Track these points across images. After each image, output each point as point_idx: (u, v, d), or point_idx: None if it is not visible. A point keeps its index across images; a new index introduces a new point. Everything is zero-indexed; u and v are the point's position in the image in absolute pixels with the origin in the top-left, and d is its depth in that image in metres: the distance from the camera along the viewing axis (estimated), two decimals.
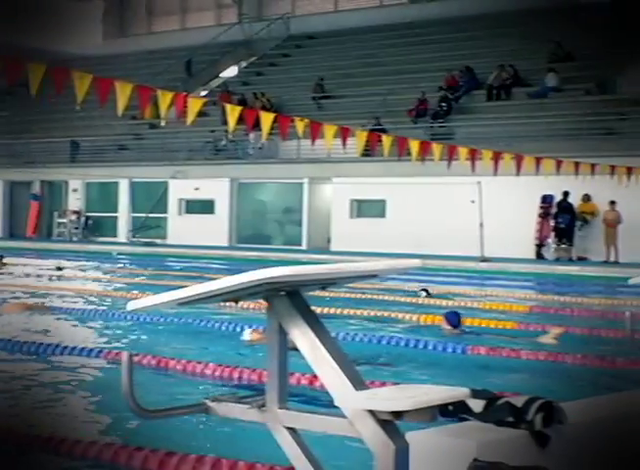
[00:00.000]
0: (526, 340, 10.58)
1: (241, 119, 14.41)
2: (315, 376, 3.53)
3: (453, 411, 3.93)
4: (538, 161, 16.54)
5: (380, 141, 14.03)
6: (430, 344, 9.99)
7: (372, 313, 12.76)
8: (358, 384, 3.22)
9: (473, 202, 26.31)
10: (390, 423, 3.17)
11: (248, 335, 10.17)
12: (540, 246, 27.42)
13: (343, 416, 3.26)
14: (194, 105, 13.13)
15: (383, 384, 6.28)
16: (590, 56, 31.92)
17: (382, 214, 30.73)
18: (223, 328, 11.19)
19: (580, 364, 9.05)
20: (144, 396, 3.69)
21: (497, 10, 36.49)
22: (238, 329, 10.74)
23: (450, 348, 9.80)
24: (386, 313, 12.70)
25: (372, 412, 3.14)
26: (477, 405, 3.91)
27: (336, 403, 3.24)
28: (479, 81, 33.16)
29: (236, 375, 7.95)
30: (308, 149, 24.46)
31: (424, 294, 15.04)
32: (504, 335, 10.96)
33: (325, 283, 3.52)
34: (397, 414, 3.12)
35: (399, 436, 3.20)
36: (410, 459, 3.31)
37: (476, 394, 3.98)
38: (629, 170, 18.90)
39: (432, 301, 14.71)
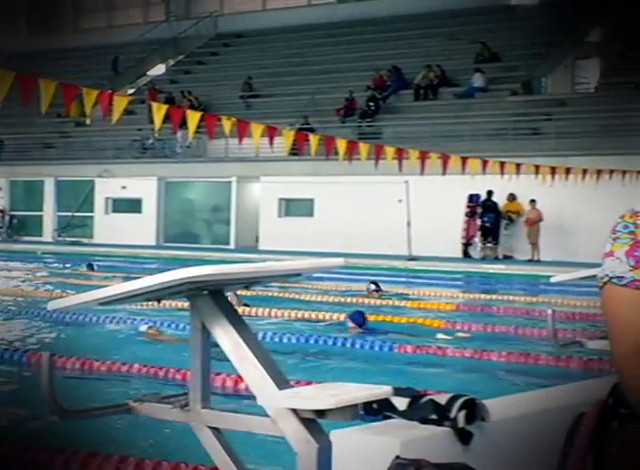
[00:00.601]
0: (429, 337, 10.77)
1: (168, 118, 14.30)
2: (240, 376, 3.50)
3: (378, 409, 3.94)
4: (464, 160, 16.66)
5: (307, 140, 14.04)
6: (357, 342, 10.02)
7: (299, 313, 12.75)
8: (281, 383, 3.21)
9: (400, 201, 26.47)
10: (313, 421, 3.17)
11: (144, 328, 10.24)
12: (467, 244, 27.68)
13: (267, 415, 3.25)
14: (120, 103, 12.98)
15: (308, 383, 6.28)
16: (516, 57, 32.30)
17: (310, 213, 30.76)
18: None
19: (505, 362, 9.16)
20: (68, 397, 3.65)
21: (425, 10, 36.72)
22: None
23: (377, 346, 9.85)
24: (313, 313, 12.71)
25: (295, 411, 3.14)
26: (401, 403, 3.92)
27: (259, 402, 3.23)
28: (406, 81, 33.34)
29: (162, 374, 7.90)
30: (236, 148, 24.38)
31: (373, 287, 14.99)
32: (406, 333, 11.10)
33: (248, 282, 3.50)
34: (320, 413, 3.12)
35: (322, 434, 3.20)
36: (333, 457, 3.31)
37: (399, 392, 3.99)
38: (553, 170, 19.13)
39: (377, 300, 14.73)
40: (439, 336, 10.98)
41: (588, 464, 2.46)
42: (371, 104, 32.28)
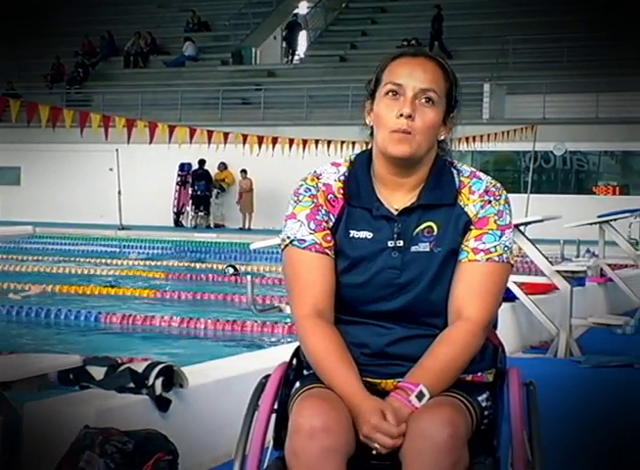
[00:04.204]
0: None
1: None
2: None
3: (74, 380, 3.89)
4: (172, 129, 16.61)
5: (8, 106, 13.48)
6: (62, 312, 9.82)
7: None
8: None
9: (111, 169, 26.09)
10: None
11: None
12: (179, 213, 27.75)
13: None
14: None
15: None
16: (226, 26, 32.51)
17: (17, 182, 29.87)
18: None
19: (213, 329, 9.27)
20: None
21: None
22: None
23: (83, 315, 9.70)
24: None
25: None
26: (98, 373, 3.89)
27: None
28: (116, 48, 32.84)
29: None
30: None
31: (231, 270, 14.56)
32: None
33: None
34: (4, 385, 3.03)
35: (8, 406, 3.11)
36: (24, 430, 3.24)
37: (95, 361, 3.95)
38: (260, 140, 19.41)
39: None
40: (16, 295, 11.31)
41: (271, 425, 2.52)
42: (80, 70, 31.60)
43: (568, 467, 4.19)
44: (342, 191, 2.58)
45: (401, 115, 2.47)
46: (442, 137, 2.59)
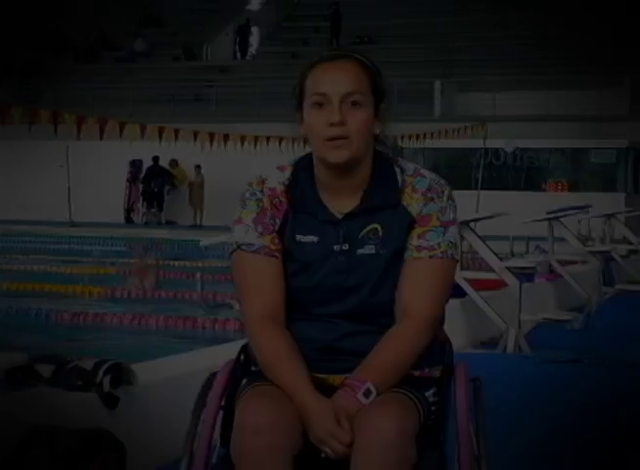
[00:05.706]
0: None
1: None
2: None
3: (21, 378, 3.85)
4: (123, 125, 16.50)
5: None
6: (12, 309, 9.75)
7: None
8: None
9: (61, 166, 25.88)
10: None
11: None
12: (129, 210, 27.59)
13: None
14: None
15: None
16: (177, 22, 32.38)
17: None
18: None
19: (164, 325, 9.23)
20: None
21: None
22: None
23: (33, 313, 9.64)
24: None
25: None
26: (45, 371, 3.86)
27: None
28: (67, 43, 32.57)
29: None
30: None
31: None
32: None
33: None
34: None
35: None
36: None
37: (43, 359, 3.92)
38: (212, 136, 19.33)
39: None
40: None
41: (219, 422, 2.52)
42: (29, 65, 31.39)
43: (515, 461, 4.22)
44: (285, 195, 2.57)
45: (332, 123, 2.47)
46: (378, 131, 2.58)
